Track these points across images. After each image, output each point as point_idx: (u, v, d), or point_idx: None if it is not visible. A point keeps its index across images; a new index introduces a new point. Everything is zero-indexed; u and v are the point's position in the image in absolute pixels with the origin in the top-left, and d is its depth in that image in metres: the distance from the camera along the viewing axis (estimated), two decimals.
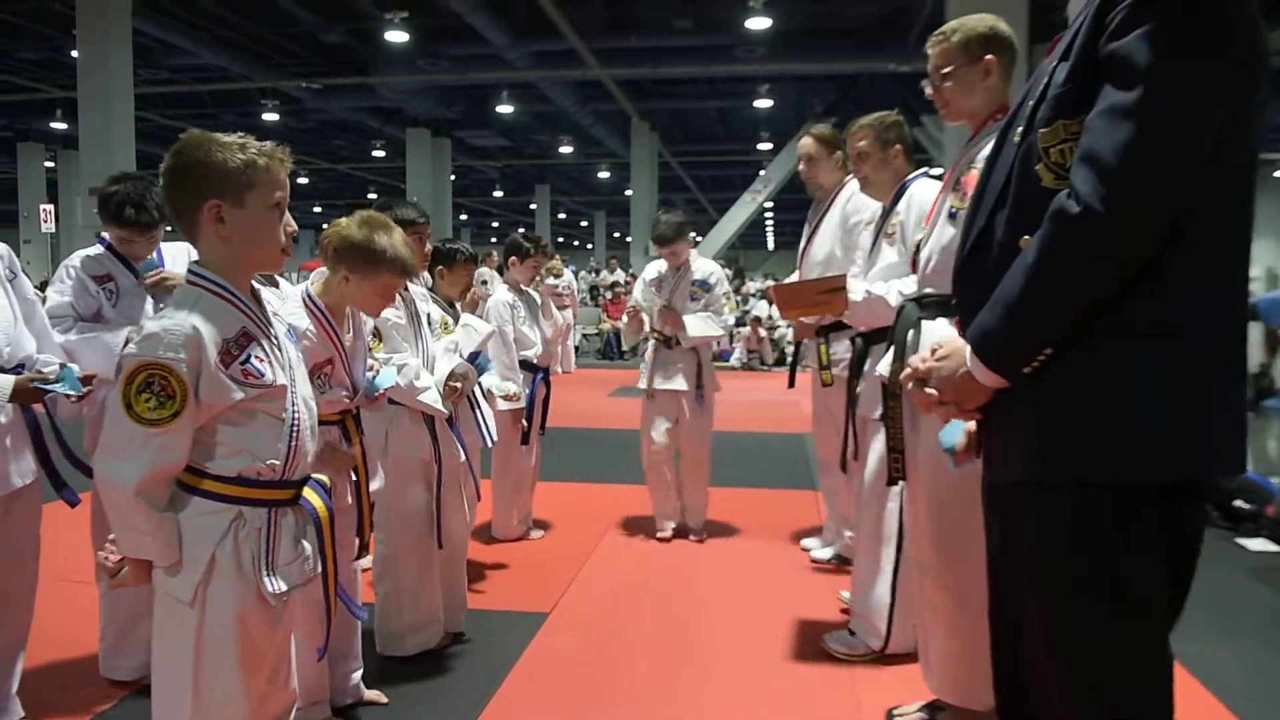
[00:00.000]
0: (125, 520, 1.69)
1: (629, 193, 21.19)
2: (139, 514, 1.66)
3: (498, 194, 28.45)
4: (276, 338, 1.84)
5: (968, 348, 1.47)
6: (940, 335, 2.29)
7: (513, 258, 4.48)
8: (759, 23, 11.60)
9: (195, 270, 1.77)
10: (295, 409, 1.82)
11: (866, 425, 2.99)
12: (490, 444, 3.60)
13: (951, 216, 2.31)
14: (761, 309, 14.39)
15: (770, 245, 41.34)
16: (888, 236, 2.91)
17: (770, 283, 17.89)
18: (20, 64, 13.49)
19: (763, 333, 13.58)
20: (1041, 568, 1.44)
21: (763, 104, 15.67)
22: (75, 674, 3.02)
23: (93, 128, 10.47)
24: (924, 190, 2.79)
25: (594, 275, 17.59)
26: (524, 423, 4.30)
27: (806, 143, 3.91)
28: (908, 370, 1.62)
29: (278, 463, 1.78)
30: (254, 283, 1.85)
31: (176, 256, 3.07)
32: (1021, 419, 1.42)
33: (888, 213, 2.98)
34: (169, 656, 1.76)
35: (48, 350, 2.61)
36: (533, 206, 28.39)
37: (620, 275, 16.24)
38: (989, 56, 2.27)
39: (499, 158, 22.70)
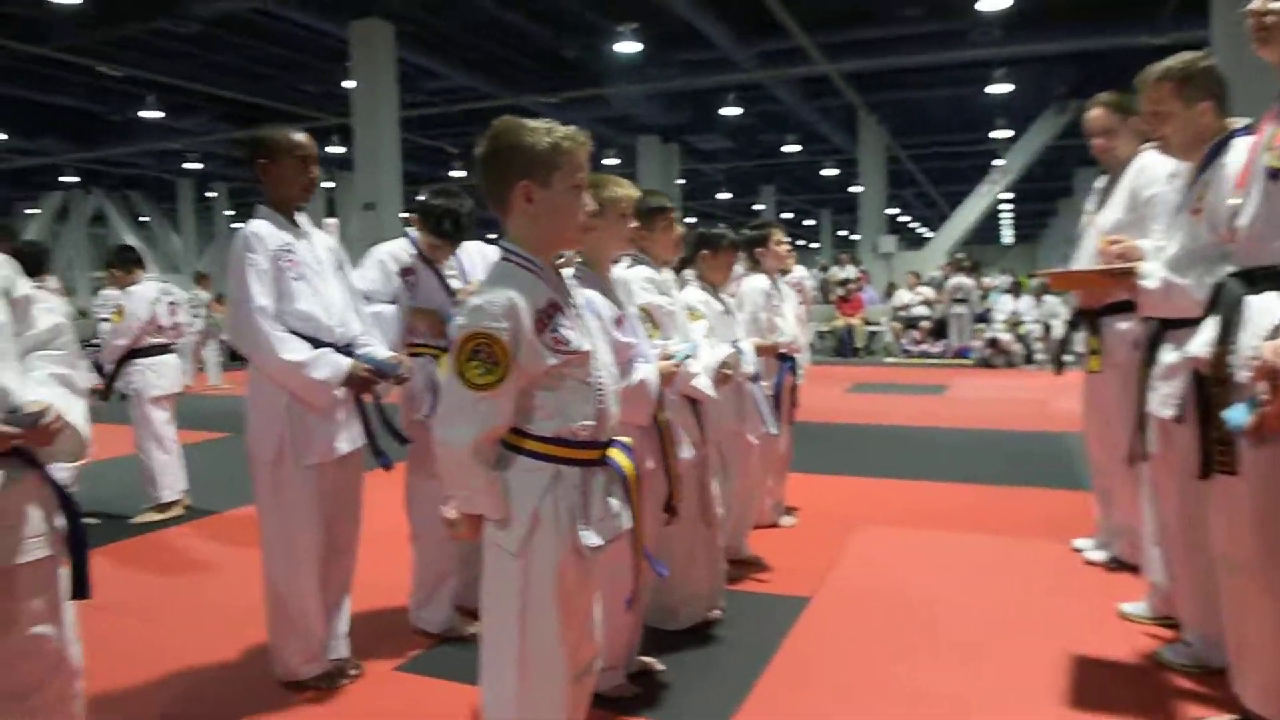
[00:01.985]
0: (461, 479, 1.85)
1: (855, 189, 20.75)
2: (473, 473, 1.82)
3: (724, 196, 28.67)
4: (577, 308, 1.96)
5: None
6: (1273, 312, 2.10)
7: (758, 248, 4.49)
8: (995, 3, 11.02)
9: (507, 247, 1.92)
10: (599, 375, 1.94)
11: (1166, 427, 2.66)
12: (776, 431, 3.63)
13: (1273, 177, 2.10)
14: (1005, 304, 13.67)
15: (1007, 239, 39.03)
16: (1194, 211, 2.55)
17: (1004, 276, 16.94)
18: (302, 95, 15.15)
19: (1002, 334, 12.87)
20: None
21: (999, 89, 14.83)
22: (388, 623, 3.36)
23: (365, 150, 11.59)
24: (1239, 154, 2.37)
25: (822, 272, 17.36)
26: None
27: (1098, 114, 3.60)
28: (1259, 361, 1.47)
29: (589, 424, 1.89)
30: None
31: (472, 265, 3.47)
32: None
33: (1195, 180, 2.62)
34: (498, 602, 1.91)
35: (370, 332, 2.97)
36: (757, 207, 28.40)
37: (851, 271, 15.94)
38: None
39: (725, 160, 22.89)
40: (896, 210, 30.01)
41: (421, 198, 3.38)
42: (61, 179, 22.99)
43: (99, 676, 2.38)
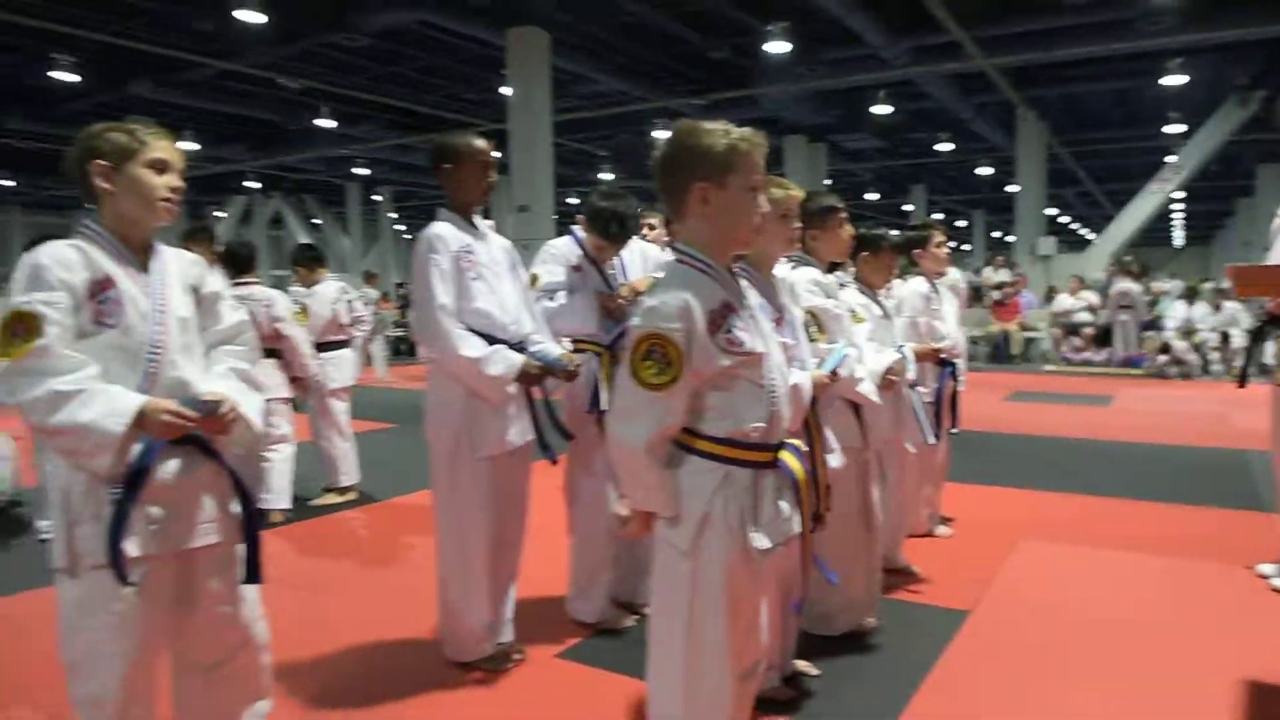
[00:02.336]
0: (635, 476, 1.89)
1: (1011, 188, 19.91)
2: (648, 470, 1.85)
3: (872, 196, 28.04)
4: (751, 309, 1.97)
5: None
6: None
7: (917, 250, 4.35)
8: None
9: (681, 249, 1.94)
10: (772, 376, 1.94)
11: None
12: (934, 441, 3.58)
13: None
14: (1177, 311, 12.85)
15: (1179, 242, 36.56)
16: None
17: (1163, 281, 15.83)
18: (461, 102, 15.81)
19: (1176, 342, 12.08)
20: None
21: (1172, 80, 13.89)
22: (546, 612, 3.48)
23: (519, 154, 11.97)
24: None
25: (975, 275, 16.73)
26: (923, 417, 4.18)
27: None
28: None
29: (761, 425, 1.89)
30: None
31: (631, 264, 3.54)
32: None
33: None
34: (667, 599, 1.94)
35: (541, 330, 3.09)
36: (906, 208, 27.67)
37: (1005, 274, 15.30)
38: None
39: (873, 159, 22.41)
40: (1056, 210, 28.64)
41: (590, 200, 3.45)
42: (245, 184, 24.93)
43: (283, 648, 2.52)
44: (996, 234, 34.36)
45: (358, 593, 3.95)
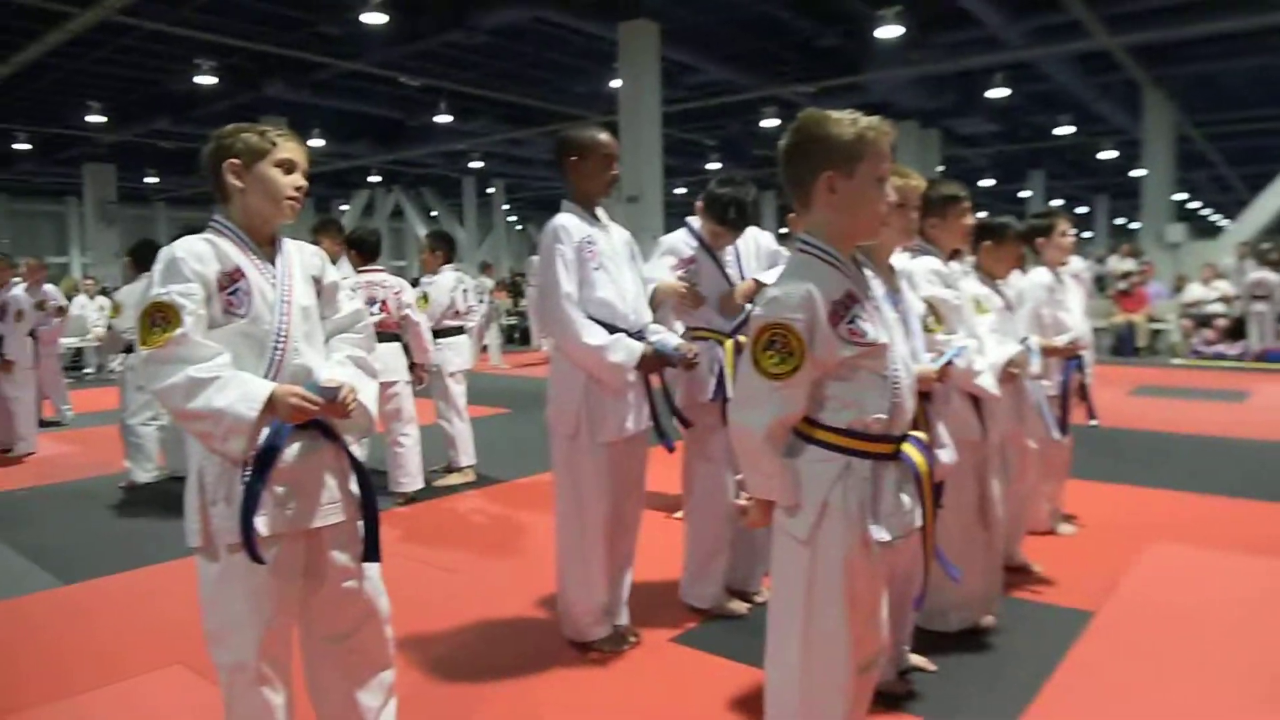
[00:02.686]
0: (754, 464, 1.88)
1: (1137, 172, 19.04)
2: (766, 458, 1.85)
3: (986, 182, 27.21)
4: (875, 300, 1.93)
5: None
6: None
7: (1040, 239, 4.20)
8: None
9: (806, 239, 1.91)
10: (895, 367, 1.90)
11: None
12: (1061, 436, 3.51)
13: None
14: None
15: None
16: None
17: None
18: (572, 96, 16.09)
19: None
20: None
21: None
22: (660, 596, 3.53)
23: (629, 146, 12.08)
24: None
25: (1098, 264, 16.07)
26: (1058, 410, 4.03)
27: None
28: None
29: (883, 417, 1.86)
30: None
31: (746, 253, 3.55)
32: None
33: None
34: (785, 587, 1.94)
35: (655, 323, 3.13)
36: (1023, 194, 26.76)
37: (1132, 263, 14.67)
38: None
39: (988, 144, 21.74)
40: (1185, 195, 27.21)
41: (709, 187, 3.45)
42: (368, 178, 26.12)
43: (406, 622, 2.56)
44: (1120, 219, 32.91)
45: (480, 570, 4.06)
